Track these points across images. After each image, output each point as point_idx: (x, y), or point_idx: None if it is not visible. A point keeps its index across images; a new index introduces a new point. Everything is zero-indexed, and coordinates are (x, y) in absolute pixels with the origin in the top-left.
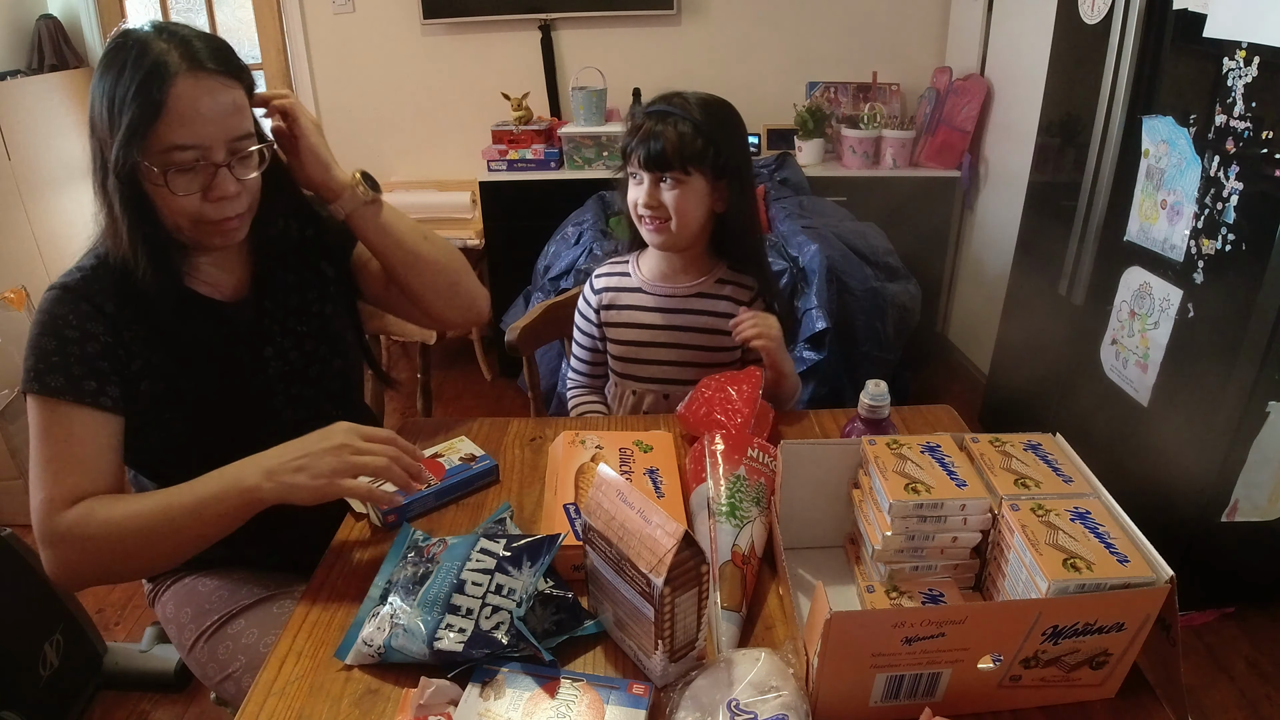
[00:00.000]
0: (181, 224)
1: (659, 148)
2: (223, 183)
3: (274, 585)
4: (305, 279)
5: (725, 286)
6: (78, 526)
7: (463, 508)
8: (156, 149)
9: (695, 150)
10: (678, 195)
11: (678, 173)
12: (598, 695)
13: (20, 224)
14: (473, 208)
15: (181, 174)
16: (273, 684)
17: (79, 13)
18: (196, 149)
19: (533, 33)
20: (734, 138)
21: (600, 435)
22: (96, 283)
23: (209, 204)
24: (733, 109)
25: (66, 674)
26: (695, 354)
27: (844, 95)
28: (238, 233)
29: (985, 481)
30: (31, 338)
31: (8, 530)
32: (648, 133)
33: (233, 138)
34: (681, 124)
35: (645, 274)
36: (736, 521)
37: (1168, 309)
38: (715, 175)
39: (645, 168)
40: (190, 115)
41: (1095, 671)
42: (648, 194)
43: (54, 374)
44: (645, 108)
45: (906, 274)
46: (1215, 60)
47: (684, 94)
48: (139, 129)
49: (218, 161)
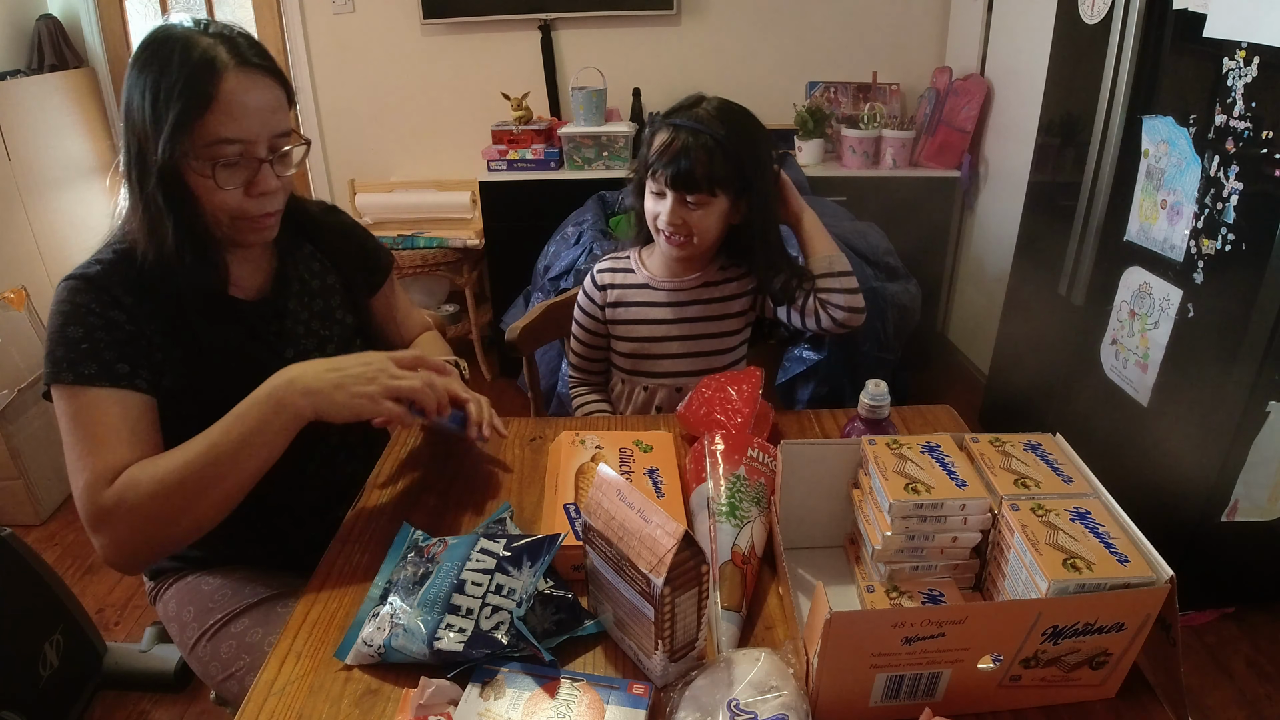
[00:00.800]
0: (221, 219)
1: (688, 169)
2: (265, 178)
3: (277, 585)
4: (328, 285)
5: (727, 270)
6: (126, 495)
7: (463, 508)
8: (203, 142)
9: (723, 174)
10: (702, 215)
11: (704, 195)
12: (598, 695)
13: (20, 224)
14: (473, 208)
15: (227, 168)
16: (273, 684)
17: (79, 13)
18: (242, 143)
19: (533, 33)
20: (759, 154)
21: (600, 435)
22: (114, 275)
23: (250, 199)
24: (753, 118)
25: (66, 674)
26: (706, 343)
27: (844, 95)
28: (273, 230)
29: (985, 481)
30: (54, 329)
31: (8, 530)
32: (676, 151)
33: (275, 134)
34: (709, 142)
35: (651, 270)
36: (736, 521)
37: (1168, 309)
38: (737, 195)
39: (671, 187)
40: (239, 109)
41: (1095, 671)
42: (671, 212)
43: (86, 362)
44: (668, 118)
45: (906, 274)
46: (1215, 60)
47: (705, 102)
48: (186, 122)
49: (260, 157)
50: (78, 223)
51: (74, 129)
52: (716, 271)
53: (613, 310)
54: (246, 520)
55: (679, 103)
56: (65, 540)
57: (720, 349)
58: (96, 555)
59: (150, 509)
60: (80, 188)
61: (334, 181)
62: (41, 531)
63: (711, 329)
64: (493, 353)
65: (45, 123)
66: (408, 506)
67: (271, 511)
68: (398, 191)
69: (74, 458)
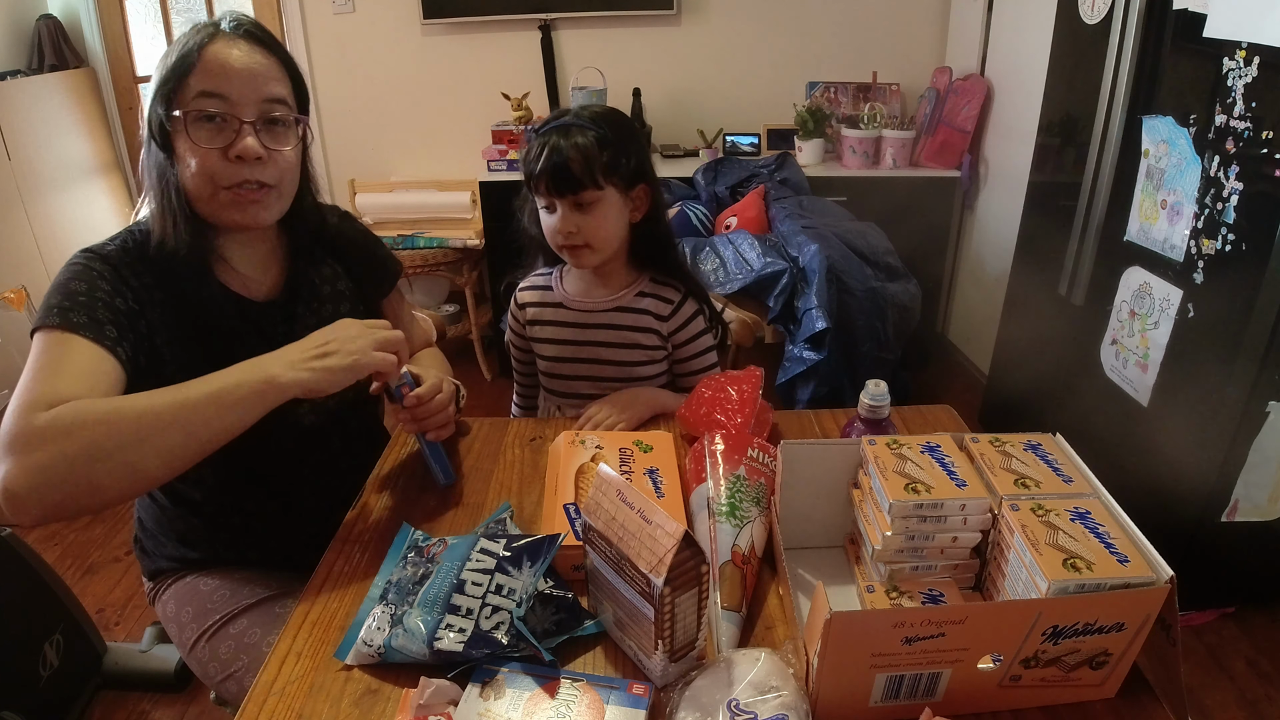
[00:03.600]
0: (201, 189)
1: (563, 165)
2: (245, 140)
3: (276, 585)
4: (339, 291)
5: (644, 299)
6: (60, 419)
7: (463, 508)
8: (186, 100)
9: (603, 161)
10: (594, 218)
11: (591, 190)
12: (598, 695)
13: (20, 224)
14: (473, 208)
15: (206, 123)
16: (272, 684)
17: (79, 13)
18: (222, 99)
19: (533, 33)
20: (636, 142)
21: (600, 435)
22: (126, 257)
23: (228, 163)
24: (625, 116)
25: (66, 674)
26: (614, 369)
27: (844, 95)
28: (259, 210)
29: (985, 481)
30: (57, 283)
31: (8, 530)
32: (551, 150)
33: (263, 98)
34: (581, 135)
35: (566, 289)
36: (736, 521)
37: (1168, 309)
38: (627, 184)
39: (555, 191)
40: (219, 68)
41: (1095, 671)
42: (563, 220)
43: (78, 311)
44: (537, 127)
45: (906, 274)
46: (1215, 60)
47: (572, 109)
48: (172, 81)
49: (244, 119)
50: (78, 223)
51: (74, 129)
52: (633, 297)
53: (530, 328)
54: (246, 521)
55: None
56: (65, 540)
57: (629, 377)
58: (96, 555)
59: (89, 436)
60: (80, 188)
61: (334, 181)
62: (41, 531)
63: (620, 356)
64: (492, 353)
65: (45, 123)
66: (408, 506)
67: (272, 512)
68: (398, 191)
69: (20, 387)
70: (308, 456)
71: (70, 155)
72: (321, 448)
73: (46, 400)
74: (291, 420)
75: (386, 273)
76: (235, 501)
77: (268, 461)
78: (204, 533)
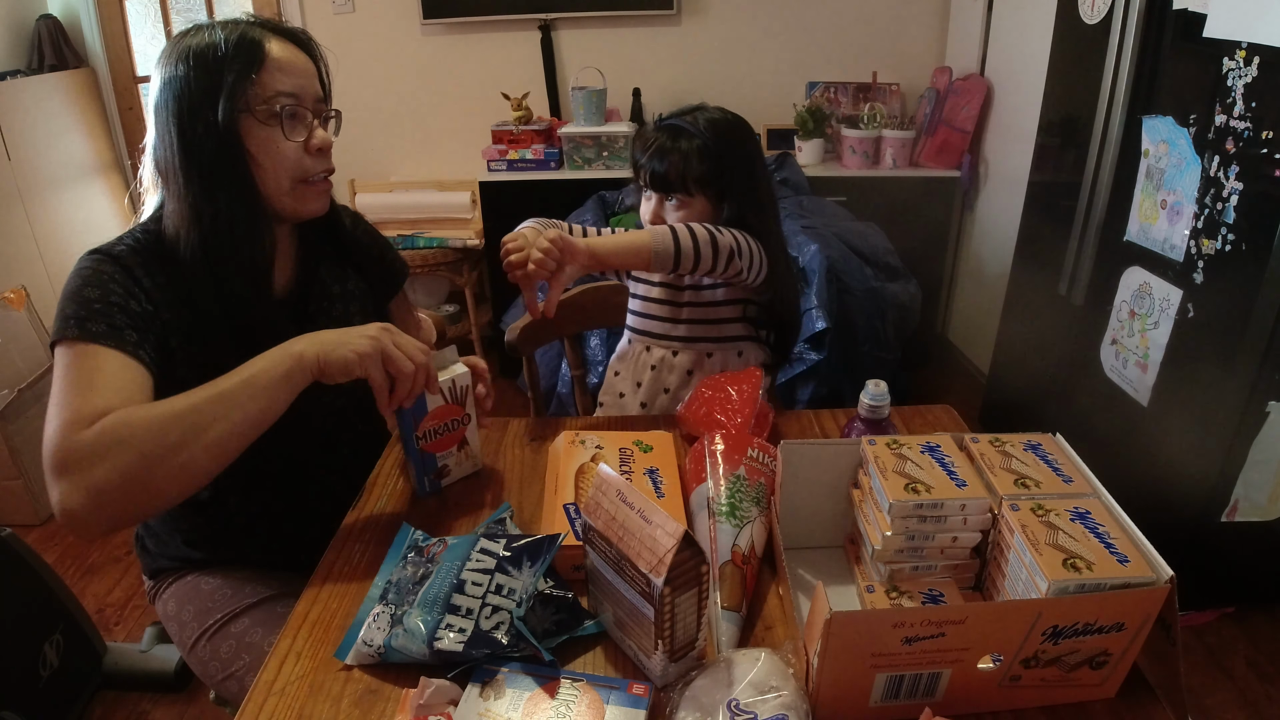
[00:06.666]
0: (284, 184)
1: (662, 169)
2: (319, 133)
3: (277, 585)
4: (349, 290)
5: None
6: (107, 433)
7: (463, 508)
8: (262, 98)
9: (698, 174)
10: (682, 217)
11: (681, 195)
12: (598, 695)
13: (20, 224)
14: (473, 208)
15: (289, 120)
16: (272, 684)
17: (79, 13)
18: (295, 98)
19: (533, 33)
20: (742, 160)
21: (600, 435)
22: (137, 258)
23: (309, 156)
24: (745, 127)
25: (66, 674)
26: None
27: (844, 95)
28: (327, 199)
29: (985, 481)
30: (70, 290)
31: (8, 530)
32: (653, 152)
33: (317, 98)
34: (689, 143)
35: None
36: (736, 521)
37: (1168, 309)
38: (718, 199)
39: (651, 186)
40: (288, 66)
41: (1095, 671)
42: (652, 212)
43: (95, 320)
44: (659, 121)
45: (906, 274)
46: (1215, 60)
47: (702, 110)
48: (245, 77)
49: (313, 113)
50: (78, 223)
51: (74, 129)
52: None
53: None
54: (252, 521)
55: (678, 109)
56: (65, 540)
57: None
58: (96, 555)
59: (139, 445)
60: (80, 188)
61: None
62: (41, 531)
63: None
64: (493, 353)
65: (45, 123)
66: (408, 507)
67: (278, 513)
68: (398, 191)
69: (56, 404)
70: (318, 458)
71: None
72: (331, 450)
73: (88, 416)
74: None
75: (395, 275)
76: (242, 502)
77: (278, 462)
78: (208, 533)
